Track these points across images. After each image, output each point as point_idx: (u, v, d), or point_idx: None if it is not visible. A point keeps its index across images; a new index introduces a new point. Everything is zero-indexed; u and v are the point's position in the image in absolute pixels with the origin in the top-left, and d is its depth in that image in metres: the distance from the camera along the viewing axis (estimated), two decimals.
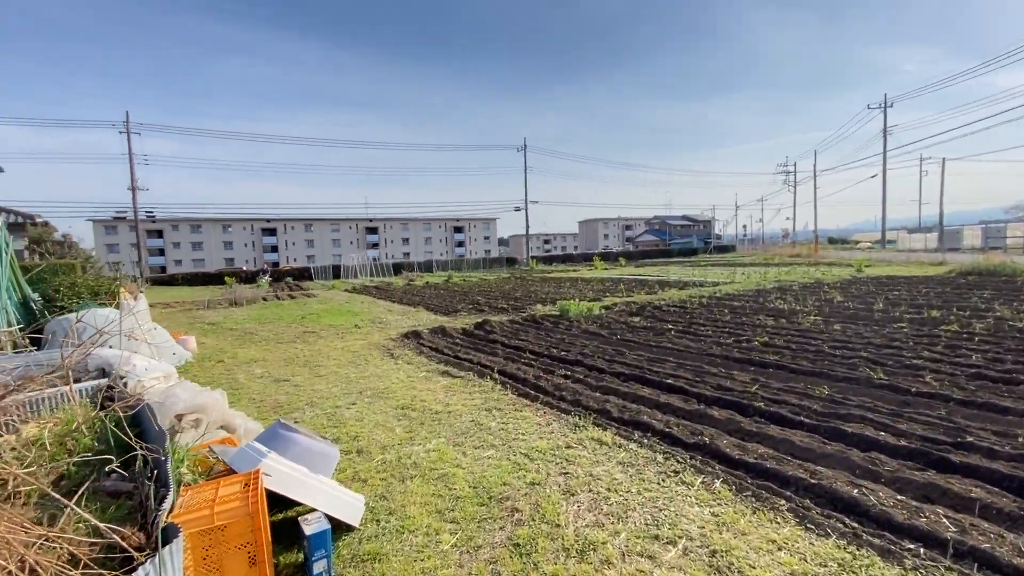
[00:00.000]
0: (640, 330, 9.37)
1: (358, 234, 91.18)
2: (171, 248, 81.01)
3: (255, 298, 21.42)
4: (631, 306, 12.80)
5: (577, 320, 10.76)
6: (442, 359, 7.57)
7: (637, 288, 17.88)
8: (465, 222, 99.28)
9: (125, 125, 41.24)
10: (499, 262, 54.71)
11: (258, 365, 7.80)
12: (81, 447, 3.38)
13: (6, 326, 6.81)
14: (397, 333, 10.22)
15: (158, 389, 4.78)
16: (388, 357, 7.97)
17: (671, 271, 28.94)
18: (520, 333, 9.63)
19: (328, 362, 7.79)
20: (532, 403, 5.18)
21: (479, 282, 26.94)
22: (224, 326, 12.71)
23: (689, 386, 5.52)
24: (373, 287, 26.25)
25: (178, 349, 8.28)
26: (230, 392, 6.18)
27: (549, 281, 24.87)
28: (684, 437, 4.14)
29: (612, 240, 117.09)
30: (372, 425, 4.72)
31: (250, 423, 4.12)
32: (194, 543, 2.21)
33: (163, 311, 18.03)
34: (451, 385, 6.03)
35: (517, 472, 3.58)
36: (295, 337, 10.35)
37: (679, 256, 60.36)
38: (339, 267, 44.31)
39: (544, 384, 5.85)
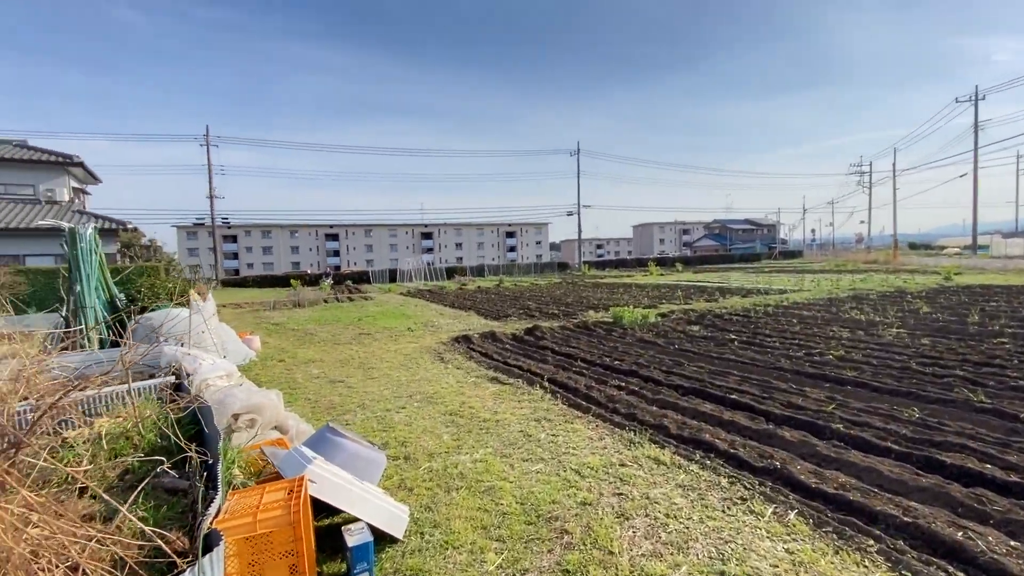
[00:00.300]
0: (700, 340, 8.88)
1: (414, 239, 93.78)
2: (244, 252, 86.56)
3: (316, 300, 22.36)
4: (689, 314, 12.22)
5: (631, 328, 10.37)
6: (491, 365, 7.47)
7: (696, 295, 17.11)
8: (517, 227, 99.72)
9: (205, 138, 44.59)
10: (550, 267, 54.41)
11: (315, 366, 8.03)
12: (145, 443, 3.52)
13: (94, 323, 7.38)
14: (448, 337, 10.25)
15: (220, 387, 4.97)
16: (438, 361, 7.98)
17: (732, 277, 27.58)
18: (571, 340, 9.39)
19: (381, 364, 7.90)
20: (583, 415, 4.96)
21: (530, 287, 26.82)
22: (287, 327, 13.30)
23: (756, 403, 5.10)
24: (427, 291, 26.76)
25: (243, 348, 8.69)
26: (288, 392, 6.37)
27: (601, 286, 24.37)
28: (751, 460, 3.79)
29: (668, 245, 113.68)
30: (420, 431, 4.67)
31: (302, 424, 4.17)
32: (240, 549, 2.19)
33: (234, 311, 19.17)
34: (500, 392, 5.91)
35: (567, 490, 3.38)
36: (351, 339, 10.63)
37: (741, 262, 57.64)
38: (395, 271, 45.66)
39: (596, 395, 5.61)
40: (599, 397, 5.53)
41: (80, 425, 3.67)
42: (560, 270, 53.13)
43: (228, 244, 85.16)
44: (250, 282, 49.83)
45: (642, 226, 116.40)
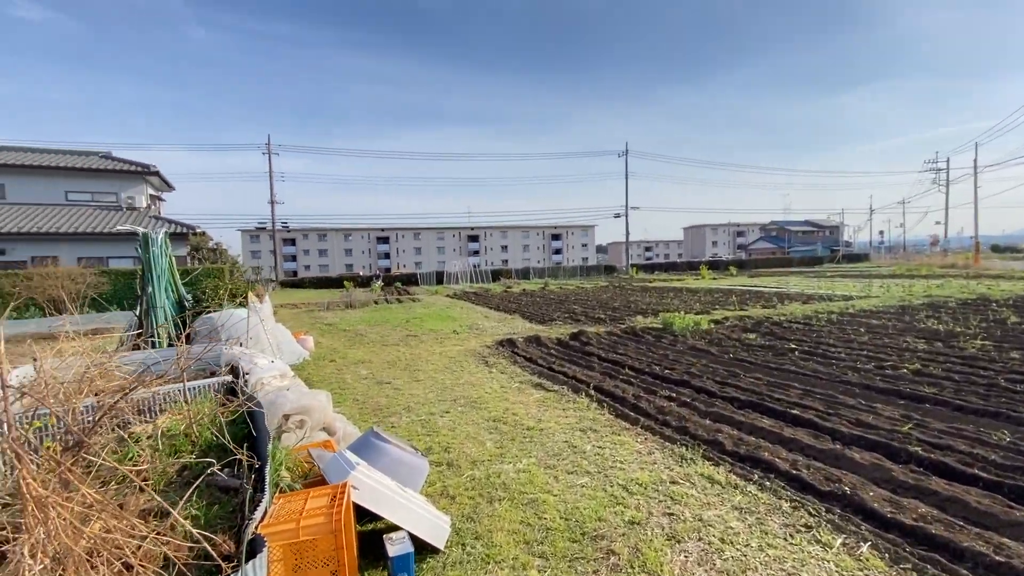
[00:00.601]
0: (757, 349, 8.42)
1: (460, 242, 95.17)
2: (302, 254, 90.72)
3: (367, 301, 23.05)
4: (745, 321, 11.64)
5: (682, 335, 9.99)
6: (536, 370, 7.38)
7: (752, 300, 16.32)
8: (563, 229, 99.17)
9: (267, 147, 47.10)
10: (597, 270, 53.63)
11: (364, 366, 8.22)
12: (202, 440, 3.67)
13: (163, 322, 7.87)
14: (492, 340, 10.24)
15: (273, 387, 5.14)
16: (483, 365, 7.97)
17: (791, 282, 26.17)
18: (618, 346, 9.14)
19: (426, 367, 7.98)
20: (631, 427, 4.77)
21: (576, 290, 26.51)
22: (339, 327, 13.74)
23: (820, 419, 4.74)
24: (472, 293, 27.01)
25: (298, 348, 9.02)
26: (337, 392, 6.53)
27: (650, 291, 23.73)
28: (817, 483, 3.50)
29: (721, 248, 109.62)
30: (463, 437, 4.65)
31: (349, 427, 4.23)
32: (284, 554, 2.21)
33: (291, 311, 20.05)
34: (544, 399, 5.81)
35: (614, 507, 3.23)
36: (398, 340, 10.83)
37: (800, 265, 54.69)
38: (442, 273, 46.43)
39: (645, 406, 5.39)
40: (648, 408, 5.32)
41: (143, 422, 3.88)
42: (607, 273, 52.29)
43: (287, 247, 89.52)
44: (306, 283, 52.12)
45: (693, 228, 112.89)
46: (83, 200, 25.39)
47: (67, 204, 24.85)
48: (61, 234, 21.72)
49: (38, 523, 1.70)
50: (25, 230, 21.29)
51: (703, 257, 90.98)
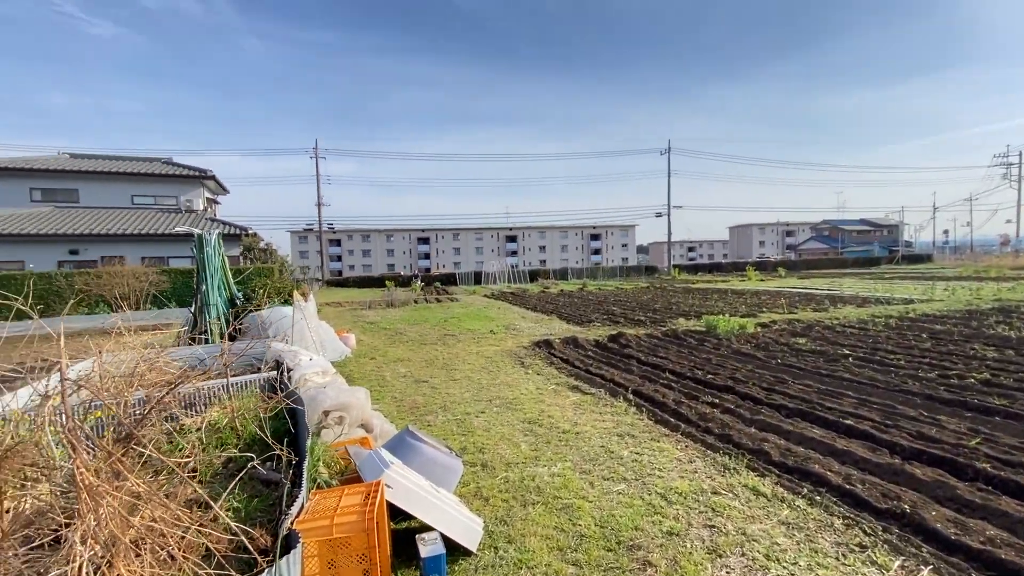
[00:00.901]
0: (807, 354, 8.00)
1: (499, 242, 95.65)
2: (347, 255, 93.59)
3: (407, 300, 23.49)
4: (794, 325, 11.11)
5: (727, 338, 9.63)
6: (572, 372, 7.28)
7: (801, 303, 15.57)
8: (602, 229, 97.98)
9: (314, 151, 48.84)
10: (637, 270, 52.66)
11: (403, 365, 8.35)
12: (247, 434, 3.80)
13: (216, 319, 8.26)
14: (529, 341, 10.20)
15: (315, 384, 5.28)
16: (519, 366, 7.94)
17: (845, 284, 24.83)
18: (659, 349, 8.91)
19: (463, 366, 8.02)
20: (671, 433, 4.61)
21: (615, 291, 26.10)
22: (380, 326, 14.05)
23: (877, 431, 4.43)
24: (510, 293, 27.05)
25: (340, 346, 9.28)
26: (376, 389, 6.66)
27: (693, 292, 23.06)
28: (872, 499, 3.26)
29: (769, 248, 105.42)
30: (498, 438, 4.63)
31: (386, 424, 4.29)
32: (320, 550, 2.24)
33: (335, 310, 20.68)
34: (581, 402, 5.71)
35: (652, 516, 3.12)
36: (436, 339, 10.96)
37: (855, 266, 51.87)
38: (480, 273, 46.77)
39: (686, 411, 5.21)
40: (689, 414, 5.14)
41: (193, 415, 4.06)
42: (648, 274, 51.25)
43: (333, 247, 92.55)
44: (350, 282, 53.69)
45: (739, 227, 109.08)
46: (147, 203, 27.10)
47: (132, 207, 26.59)
48: (127, 235, 23.24)
49: (89, 511, 1.79)
50: (96, 231, 22.90)
51: (749, 258, 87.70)
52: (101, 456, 1.97)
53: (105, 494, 1.78)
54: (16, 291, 12.45)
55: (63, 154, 28.36)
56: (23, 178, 25.23)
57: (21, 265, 22.17)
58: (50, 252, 22.73)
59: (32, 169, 25.38)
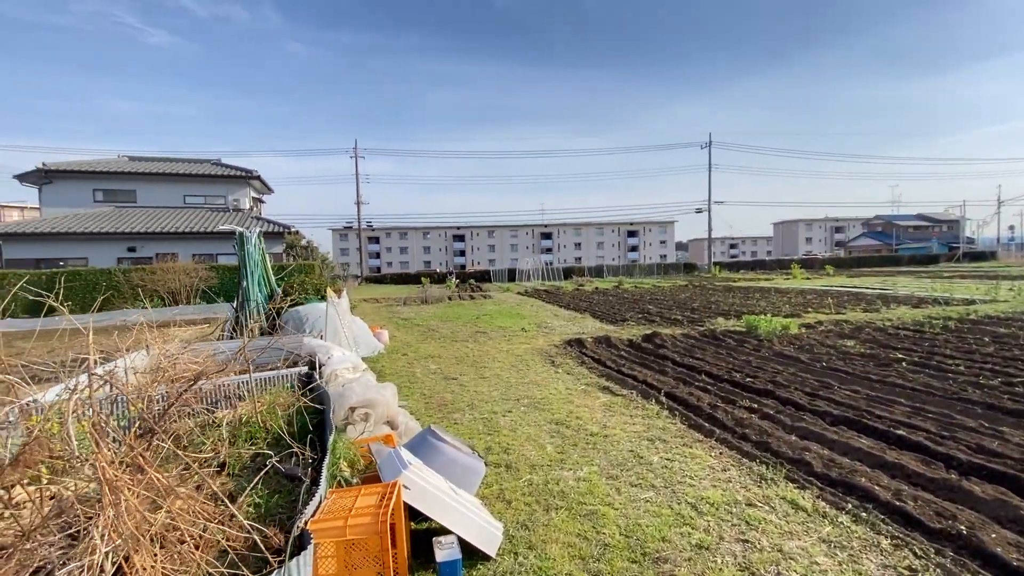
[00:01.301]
0: (855, 358, 7.55)
1: (533, 239, 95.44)
2: (385, 252, 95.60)
3: (441, 297, 23.74)
4: (842, 326, 10.53)
5: (768, 339, 9.21)
6: (603, 372, 7.12)
7: (851, 303, 14.77)
8: (640, 226, 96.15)
9: (354, 151, 50.03)
10: (675, 268, 51.42)
11: (433, 361, 8.40)
12: (275, 428, 3.87)
13: (256, 315, 8.54)
14: (560, 339, 10.07)
15: (344, 379, 5.35)
16: (549, 364, 7.83)
17: (899, 283, 23.42)
18: (695, 350, 8.61)
19: (493, 364, 7.99)
20: (705, 439, 4.42)
21: (651, 289, 25.53)
22: (413, 322, 14.23)
23: (932, 442, 4.10)
24: (543, 291, 26.90)
25: (374, 341, 9.43)
26: (406, 385, 6.70)
27: (734, 290, 22.28)
28: (925, 518, 3.00)
29: (816, 245, 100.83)
30: (524, 439, 4.55)
31: (411, 422, 4.29)
32: (337, 551, 2.23)
33: (372, 306, 21.12)
34: (611, 403, 5.56)
35: (680, 527, 2.98)
36: (468, 337, 10.98)
37: (910, 264, 48.92)
38: (514, 270, 46.80)
39: (722, 416, 4.98)
40: (725, 419, 4.91)
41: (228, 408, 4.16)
42: (686, 271, 49.97)
43: (372, 245, 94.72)
44: (387, 279, 54.78)
45: (784, 223, 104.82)
46: (197, 203, 28.44)
47: (184, 207, 27.96)
48: (179, 233, 24.45)
49: (109, 504, 1.82)
50: (151, 230, 24.20)
51: (795, 255, 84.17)
52: (124, 450, 2.01)
53: (124, 488, 1.81)
54: (81, 285, 13.27)
55: (122, 157, 30.12)
56: (87, 180, 26.94)
57: (85, 261, 23.68)
58: (111, 249, 24.18)
59: (95, 172, 27.08)
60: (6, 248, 23.38)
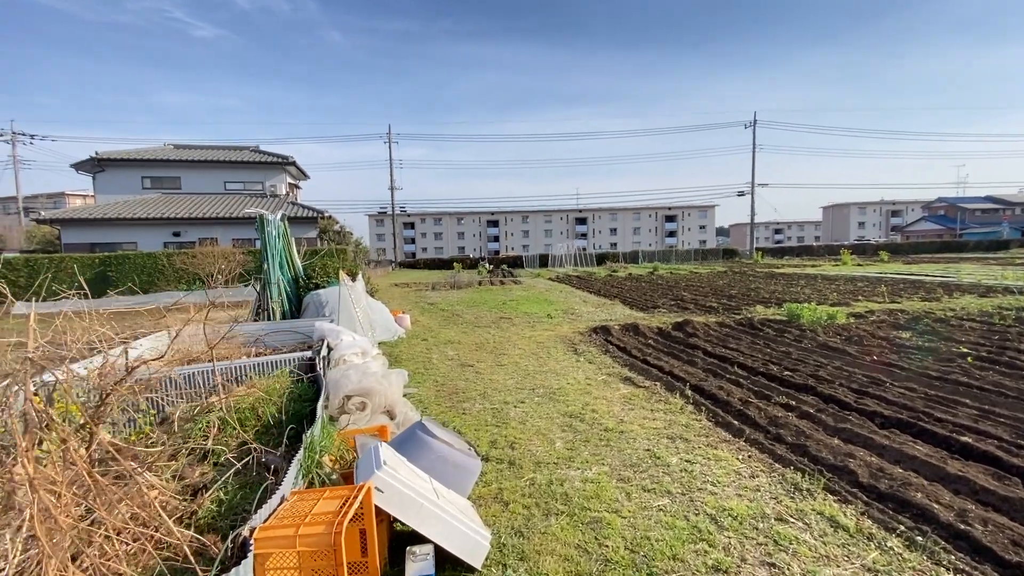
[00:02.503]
0: (911, 351, 6.83)
1: (568, 224, 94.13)
2: (420, 237, 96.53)
3: (471, 282, 23.60)
4: (896, 316, 9.66)
5: (812, 329, 8.52)
6: (627, 362, 6.70)
7: (907, 291, 13.64)
8: (678, 210, 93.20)
9: (387, 136, 50.31)
10: (715, 253, 49.60)
11: (452, 347, 8.18)
12: (267, 415, 3.70)
13: (277, 297, 8.53)
14: (586, 327, 9.66)
15: (353, 364, 5.17)
16: (571, 352, 7.47)
17: (963, 270, 21.62)
18: (729, 340, 8.04)
19: (513, 351, 7.69)
20: (733, 439, 3.98)
21: (687, 275, 24.57)
22: (439, 307, 14.10)
23: (1006, 452, 3.54)
24: (575, 276, 26.36)
25: (394, 326, 9.30)
26: (421, 372, 6.50)
27: (776, 277, 21.13)
28: (997, 546, 2.52)
29: (870, 230, 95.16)
30: (533, 432, 4.24)
31: (411, 412, 4.04)
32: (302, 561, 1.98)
33: (402, 290, 21.21)
34: (631, 396, 5.17)
35: (696, 543, 2.60)
36: (491, 322, 10.72)
37: (976, 250, 45.37)
38: (547, 256, 46.24)
39: (753, 413, 4.52)
40: (757, 417, 4.45)
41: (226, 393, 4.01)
42: (726, 257, 48.09)
43: (407, 230, 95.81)
44: (420, 264, 55.29)
45: (834, 207, 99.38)
46: (237, 189, 29.24)
47: (225, 193, 28.79)
48: (219, 219, 25.18)
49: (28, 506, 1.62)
50: (194, 215, 25.04)
51: (846, 240, 79.73)
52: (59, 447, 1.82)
53: (39, 488, 1.60)
54: (130, 268, 13.68)
55: (168, 145, 31.24)
56: (136, 168, 28.09)
57: (135, 245, 24.77)
58: (157, 234, 25.21)
59: (143, 160, 28.19)
60: (64, 233, 24.73)
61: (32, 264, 20.84)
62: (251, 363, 4.33)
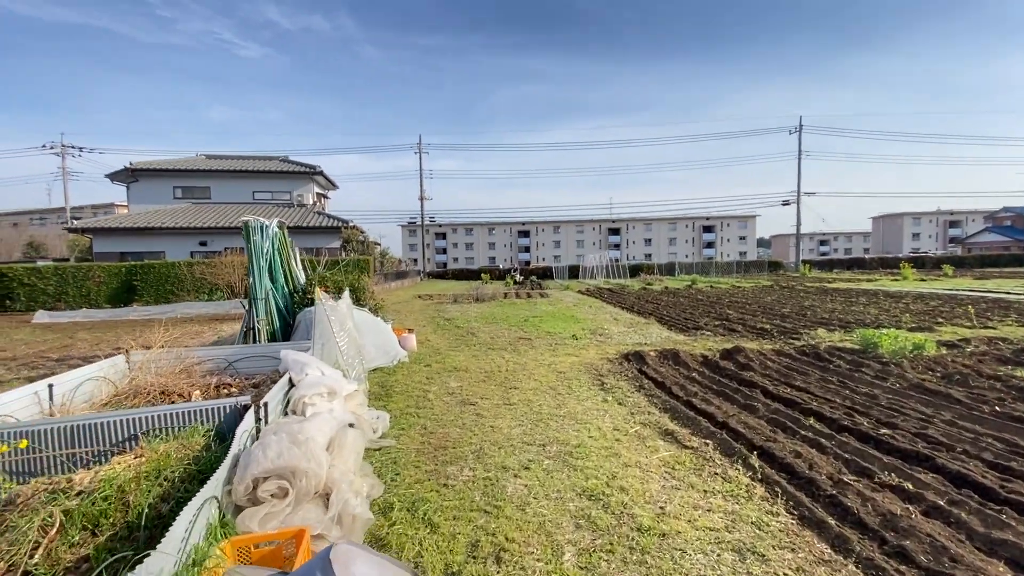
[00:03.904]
0: None
1: (600, 235, 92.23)
2: (451, 248, 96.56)
3: (495, 295, 22.48)
4: (998, 346, 7.91)
5: (895, 362, 6.94)
6: (667, 404, 5.36)
7: (995, 312, 11.65)
8: (716, 220, 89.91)
9: (418, 146, 50.19)
10: (757, 266, 46.99)
11: (457, 376, 7.01)
12: (141, 505, 2.58)
13: (264, 315, 7.58)
14: (616, 351, 8.33)
15: (320, 409, 4.06)
16: (597, 387, 6.18)
17: None
18: (794, 375, 6.56)
19: (526, 383, 6.46)
20: (833, 556, 2.62)
21: (730, 290, 22.72)
22: (455, 323, 12.98)
23: None
24: (607, 289, 24.87)
25: (395, 349, 8.20)
26: (409, 413, 5.35)
27: (831, 293, 19.12)
28: None
29: (925, 241, 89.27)
30: (534, 527, 2.98)
31: (354, 503, 2.81)
32: None
33: (423, 303, 20.28)
34: (675, 462, 3.85)
35: None
36: (507, 344, 9.50)
37: None
38: (577, 267, 44.77)
39: (854, 503, 3.12)
40: (861, 510, 3.05)
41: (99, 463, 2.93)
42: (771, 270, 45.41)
43: (439, 240, 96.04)
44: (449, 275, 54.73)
45: (885, 217, 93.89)
46: (265, 198, 29.22)
47: (253, 202, 28.79)
48: None
49: None
50: (220, 225, 24.96)
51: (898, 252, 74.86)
52: None
53: None
54: (155, 278, 13.16)
55: (200, 155, 31.63)
56: (168, 178, 28.43)
57: (163, 254, 24.87)
58: (185, 243, 25.24)
59: (175, 170, 28.52)
60: (96, 242, 25.06)
61: (61, 272, 21.01)
62: (158, 413, 3.24)
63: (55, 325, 16.36)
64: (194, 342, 11.41)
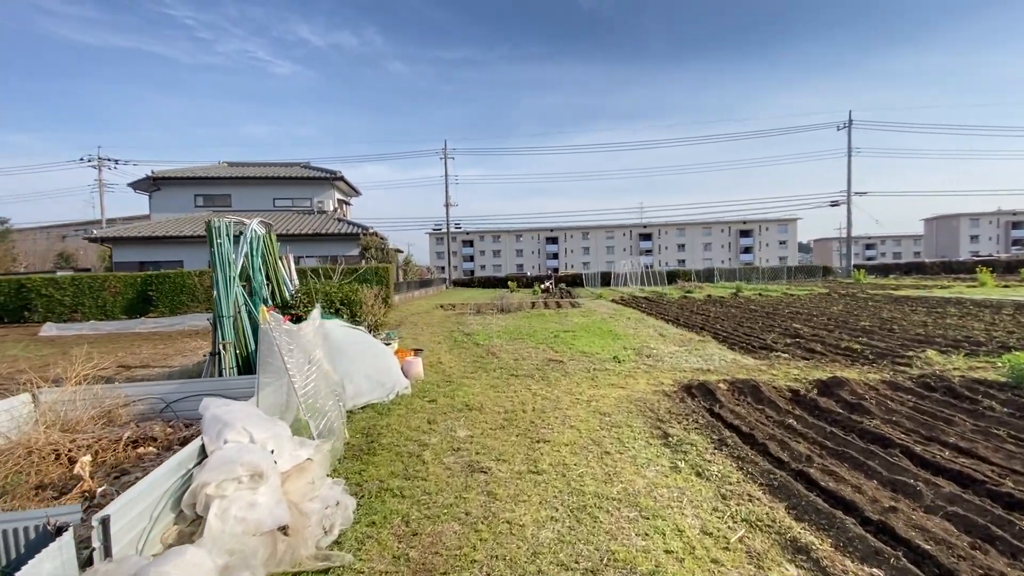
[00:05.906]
0: None
1: (631, 241, 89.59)
2: (478, 255, 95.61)
3: (521, 305, 20.83)
4: None
5: None
6: (772, 478, 3.55)
7: None
8: (754, 224, 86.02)
9: (443, 152, 49.25)
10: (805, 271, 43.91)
11: (468, 419, 5.36)
12: None
13: (231, 337, 6.13)
14: (673, 380, 6.54)
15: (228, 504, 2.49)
16: (659, 440, 4.43)
17: None
18: (936, 423, 4.63)
19: (560, 433, 4.75)
20: None
21: (783, 298, 20.43)
22: (475, 339, 11.37)
23: None
24: (643, 298, 22.87)
25: (395, 377, 6.61)
26: (391, 488, 3.73)
27: (903, 302, 16.70)
28: None
29: (984, 243, 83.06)
30: None
31: None
32: None
33: (444, 313, 18.80)
34: None
35: None
36: (535, 368, 7.81)
37: None
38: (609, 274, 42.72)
39: None
40: None
41: None
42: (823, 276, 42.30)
43: (466, 248, 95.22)
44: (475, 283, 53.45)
45: (939, 219, 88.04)
46: (286, 206, 28.46)
47: (273, 209, 28.06)
48: None
49: None
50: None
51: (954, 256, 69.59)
52: None
53: None
54: (169, 288, 11.92)
55: (222, 163, 31.25)
56: (189, 186, 28.01)
57: (181, 264, 24.25)
58: (203, 252, 24.52)
59: (196, 178, 28.09)
60: (116, 252, 24.67)
61: (77, 283, 20.48)
62: None
63: (59, 338, 15.57)
64: (182, 361, 10.19)
